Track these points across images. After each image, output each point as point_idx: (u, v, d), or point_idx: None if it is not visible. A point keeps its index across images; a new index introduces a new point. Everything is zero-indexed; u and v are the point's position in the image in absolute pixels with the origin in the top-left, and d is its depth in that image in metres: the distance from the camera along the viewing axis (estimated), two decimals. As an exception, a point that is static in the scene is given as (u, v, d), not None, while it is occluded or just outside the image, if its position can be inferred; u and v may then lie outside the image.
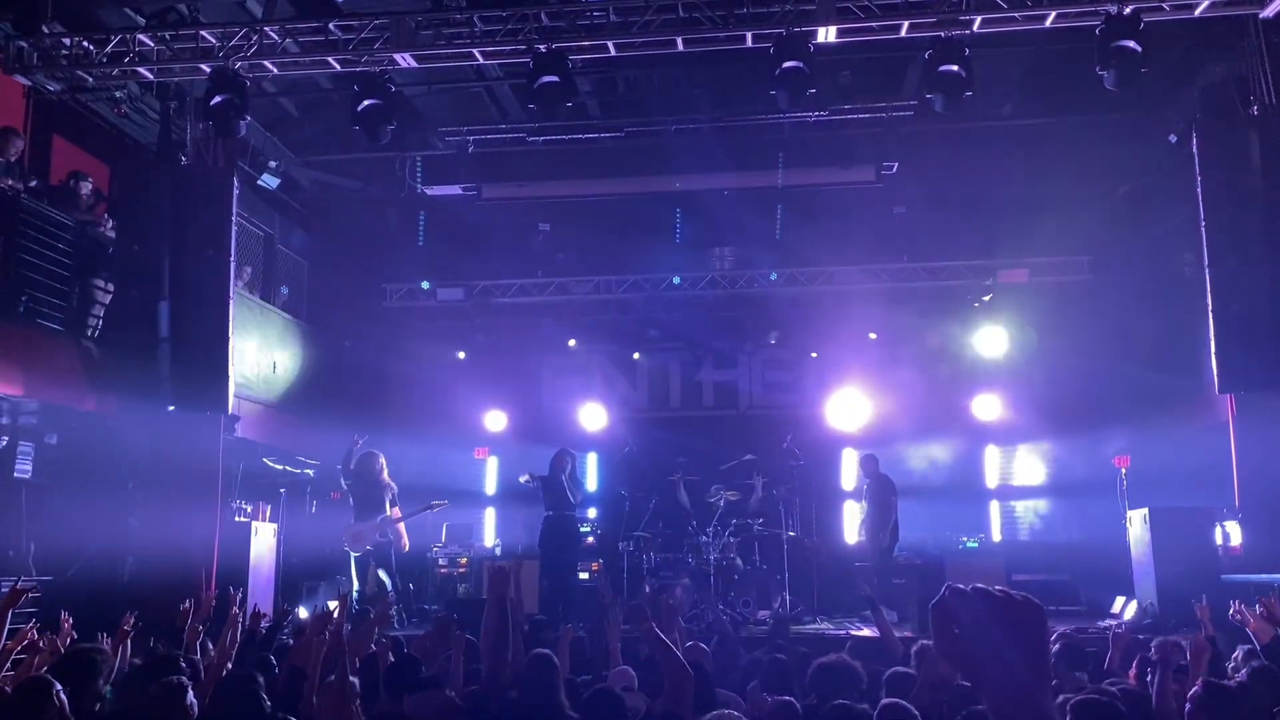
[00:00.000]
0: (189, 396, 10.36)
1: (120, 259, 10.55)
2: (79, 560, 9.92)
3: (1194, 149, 9.93)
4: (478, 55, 10.11)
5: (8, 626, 5.57)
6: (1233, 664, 5.99)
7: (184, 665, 5.35)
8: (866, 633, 10.66)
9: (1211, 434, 11.59)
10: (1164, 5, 9.14)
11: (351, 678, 5.14)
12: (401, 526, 11.75)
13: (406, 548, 11.86)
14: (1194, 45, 10.45)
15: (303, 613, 11.31)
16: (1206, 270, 9.76)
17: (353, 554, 11.54)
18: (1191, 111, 10.72)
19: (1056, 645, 6.48)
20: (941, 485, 14.48)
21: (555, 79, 9.51)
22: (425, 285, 15.45)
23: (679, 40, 9.80)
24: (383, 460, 11.77)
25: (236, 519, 11.39)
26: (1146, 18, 8.86)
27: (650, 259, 15.50)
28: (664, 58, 11.04)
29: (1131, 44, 8.76)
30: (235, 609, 6.36)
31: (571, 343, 16.16)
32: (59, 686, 4.44)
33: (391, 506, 11.65)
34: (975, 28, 9.38)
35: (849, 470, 15.71)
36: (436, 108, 12.72)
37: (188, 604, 6.92)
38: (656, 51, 10.28)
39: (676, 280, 15.10)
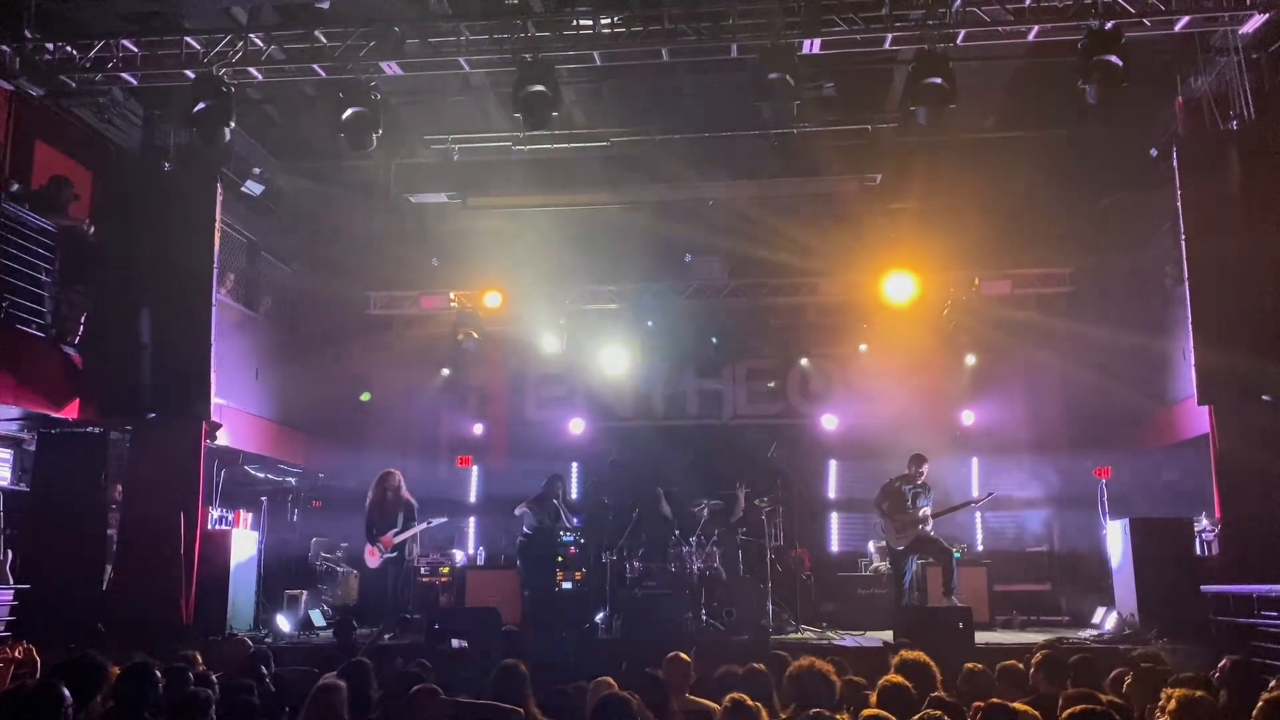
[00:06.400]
0: (170, 403, 10.30)
1: (102, 265, 10.48)
2: (58, 568, 9.83)
3: (1174, 163, 10.02)
4: (464, 64, 10.10)
5: None
6: (1218, 675, 5.99)
7: (159, 675, 5.30)
8: (850, 643, 10.68)
9: (1187, 446, 11.67)
10: (1145, 21, 9.24)
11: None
12: (410, 540, 11.82)
13: (414, 561, 12.27)
14: (1174, 60, 10.54)
15: (282, 622, 11.25)
16: (1186, 283, 9.83)
17: (370, 568, 11.63)
18: (1172, 126, 10.81)
19: (1038, 657, 6.50)
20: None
21: (541, 89, 9.52)
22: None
23: (664, 51, 9.84)
24: (399, 478, 11.78)
25: (217, 527, 11.34)
26: (1128, 33, 8.95)
27: (636, 268, 15.51)
28: (650, 68, 11.06)
29: (1113, 58, 8.83)
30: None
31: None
32: (69, 699, 4.35)
33: (406, 522, 11.58)
34: (959, 41, 9.45)
35: (834, 480, 15.75)
36: (422, 115, 12.70)
37: None
38: (642, 62, 10.32)
39: (661, 289, 15.11)
